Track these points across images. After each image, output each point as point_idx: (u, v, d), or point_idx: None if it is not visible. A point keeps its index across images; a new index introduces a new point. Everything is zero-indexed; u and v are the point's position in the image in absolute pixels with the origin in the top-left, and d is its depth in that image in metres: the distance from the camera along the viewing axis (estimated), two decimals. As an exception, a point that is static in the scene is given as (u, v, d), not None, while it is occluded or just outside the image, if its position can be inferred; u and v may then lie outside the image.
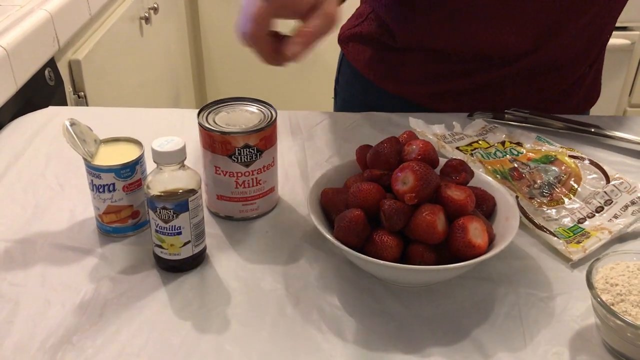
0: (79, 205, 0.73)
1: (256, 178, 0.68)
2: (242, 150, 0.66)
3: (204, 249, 0.65)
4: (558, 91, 0.95)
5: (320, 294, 0.61)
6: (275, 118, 0.68)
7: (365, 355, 0.54)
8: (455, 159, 0.66)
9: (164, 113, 0.97)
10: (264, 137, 0.67)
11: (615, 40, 2.18)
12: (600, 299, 0.52)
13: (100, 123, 0.70)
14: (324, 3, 0.62)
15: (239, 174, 0.68)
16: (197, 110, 0.70)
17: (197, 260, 0.64)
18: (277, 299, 0.60)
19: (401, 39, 0.94)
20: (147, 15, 1.64)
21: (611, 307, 0.52)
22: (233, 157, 0.66)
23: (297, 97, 2.32)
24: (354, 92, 1.07)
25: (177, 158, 0.59)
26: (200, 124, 0.67)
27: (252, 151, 0.67)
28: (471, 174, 0.65)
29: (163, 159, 0.59)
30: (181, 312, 0.59)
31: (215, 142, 0.66)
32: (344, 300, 0.60)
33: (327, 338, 0.56)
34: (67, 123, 0.64)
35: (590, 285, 0.54)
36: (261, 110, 0.70)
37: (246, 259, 0.65)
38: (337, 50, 1.09)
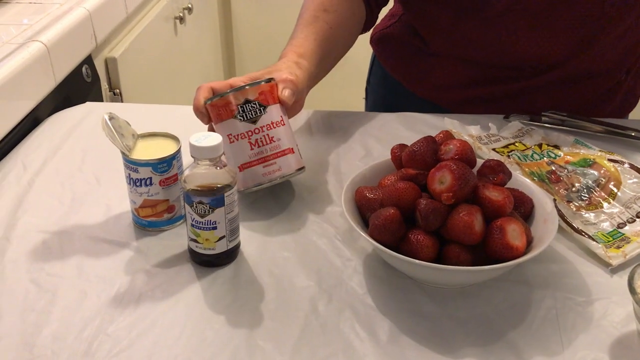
0: (115, 199, 0.74)
1: (267, 135, 0.69)
2: (244, 106, 0.68)
3: (238, 245, 0.65)
4: (592, 98, 0.94)
5: (353, 293, 0.60)
6: (273, 79, 0.71)
7: (398, 356, 0.54)
8: (493, 159, 0.65)
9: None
10: (262, 92, 0.69)
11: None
12: (643, 305, 0.51)
13: (136, 119, 0.70)
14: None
15: (250, 133, 0.68)
16: None
17: (231, 256, 0.64)
18: (310, 296, 0.60)
19: (431, 45, 0.94)
20: (181, 15, 1.66)
21: (654, 313, 0.50)
22: (238, 116, 0.68)
23: (328, 98, 2.32)
24: (385, 93, 1.07)
25: (214, 153, 0.60)
26: (205, 103, 0.69)
27: (255, 106, 0.68)
28: (509, 175, 0.64)
29: (200, 153, 0.59)
30: (214, 306, 0.59)
31: (220, 109, 0.68)
32: (377, 300, 0.60)
33: (360, 337, 0.56)
34: (106, 117, 0.65)
35: (632, 290, 0.52)
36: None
37: (279, 256, 0.65)
38: (368, 50, 1.09)
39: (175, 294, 0.60)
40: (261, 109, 0.68)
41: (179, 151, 0.66)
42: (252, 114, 0.68)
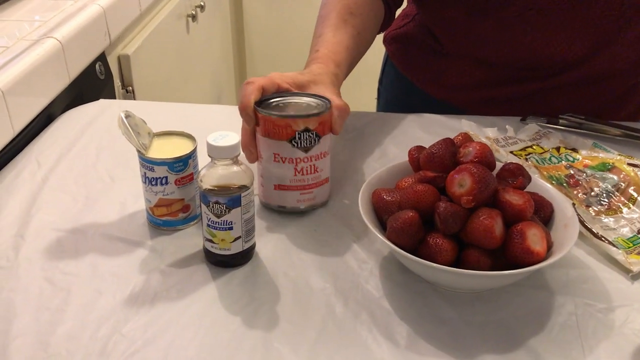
0: (129, 198, 0.73)
1: (314, 165, 0.68)
2: (302, 134, 0.66)
3: (254, 245, 0.64)
4: (610, 99, 0.92)
5: (370, 296, 0.60)
6: (330, 106, 0.68)
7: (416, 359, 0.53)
8: (512, 162, 0.64)
9: (212, 109, 0.97)
10: (322, 122, 0.67)
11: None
12: (667, 312, 0.50)
13: (150, 117, 0.70)
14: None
15: (299, 160, 0.67)
16: None
17: (246, 256, 0.63)
18: (326, 298, 0.60)
19: (446, 45, 0.93)
20: (193, 12, 1.65)
21: (678, 321, 0.49)
22: (293, 142, 0.66)
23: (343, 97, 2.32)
24: (398, 93, 1.06)
25: (232, 153, 0.59)
26: (260, 111, 0.67)
27: (312, 135, 0.66)
28: (528, 178, 0.64)
29: (218, 153, 0.59)
30: (230, 307, 0.58)
31: (276, 127, 0.66)
32: (394, 303, 0.59)
33: (377, 340, 0.55)
34: (123, 115, 0.65)
35: (655, 298, 0.51)
36: (314, 101, 0.70)
37: (295, 257, 0.65)
38: (380, 50, 1.08)
39: (190, 294, 0.60)
40: (317, 139, 0.67)
41: (194, 150, 0.66)
42: (307, 143, 0.66)
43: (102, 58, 1.11)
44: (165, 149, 0.66)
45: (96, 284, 0.61)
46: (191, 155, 0.66)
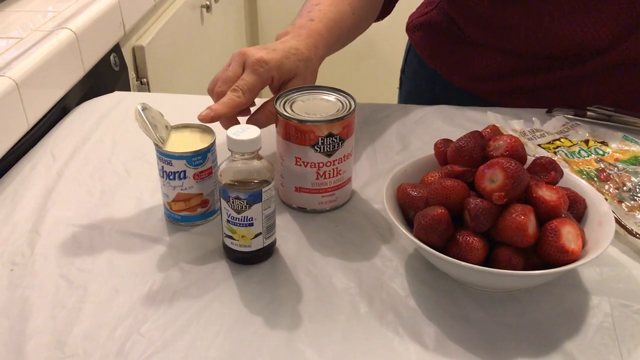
0: (146, 192, 0.71)
1: (337, 168, 0.66)
2: (325, 139, 0.63)
3: (274, 242, 0.62)
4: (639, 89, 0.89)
5: (396, 295, 0.58)
6: (355, 106, 0.66)
7: (446, 363, 0.51)
8: (544, 156, 0.61)
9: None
10: (346, 126, 0.65)
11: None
12: None
13: (165, 109, 0.68)
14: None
15: (321, 164, 0.65)
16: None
17: (267, 253, 0.61)
18: (350, 297, 0.58)
19: (469, 33, 0.90)
20: (208, 3, 1.63)
21: None
22: (316, 147, 0.64)
23: (360, 87, 2.30)
24: (421, 82, 1.03)
25: (253, 147, 0.57)
26: (281, 114, 0.64)
27: (335, 140, 0.64)
28: (561, 173, 0.61)
29: (238, 147, 0.57)
30: (251, 306, 0.57)
31: (298, 132, 0.63)
32: (421, 303, 0.57)
33: (404, 342, 0.53)
34: (140, 107, 0.63)
35: (699, 299, 0.49)
36: (338, 99, 0.67)
37: (317, 254, 0.63)
38: (401, 39, 1.05)
39: (210, 292, 0.58)
40: (340, 142, 0.64)
41: (213, 144, 0.64)
42: (330, 148, 0.64)
43: (116, 49, 1.10)
44: (184, 143, 0.64)
45: (113, 281, 0.59)
46: (210, 149, 0.64)
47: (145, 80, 1.23)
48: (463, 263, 0.53)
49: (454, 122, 0.85)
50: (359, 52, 2.23)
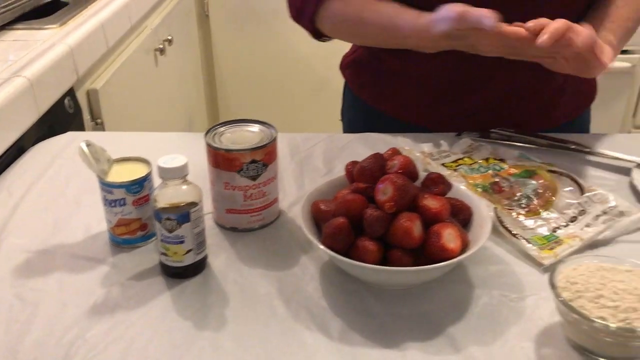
0: (94, 220, 0.80)
1: (262, 190, 0.75)
2: (249, 165, 0.73)
3: (205, 257, 0.71)
4: (544, 101, 0.99)
5: (310, 297, 0.67)
6: (276, 135, 0.75)
7: (347, 350, 0.60)
8: (434, 172, 0.72)
9: (174, 136, 1.04)
10: (268, 153, 0.74)
11: (616, 63, 2.23)
12: (561, 296, 0.57)
13: (115, 146, 0.77)
14: None
15: (247, 187, 0.74)
16: (203, 134, 0.77)
17: (199, 268, 0.70)
18: (270, 301, 0.66)
19: (388, 64, 1.00)
20: (161, 47, 1.73)
21: (569, 302, 0.57)
22: (241, 173, 0.73)
23: (309, 121, 2.41)
24: (356, 114, 1.14)
25: (180, 173, 0.66)
26: (209, 145, 0.74)
27: (258, 165, 0.73)
28: (449, 186, 0.71)
29: (168, 174, 0.66)
30: (183, 313, 0.65)
31: (225, 160, 0.73)
32: (331, 302, 0.66)
33: (314, 335, 0.62)
34: (83, 144, 0.72)
35: (552, 284, 0.59)
36: (262, 130, 0.77)
37: (245, 267, 0.71)
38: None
39: (147, 303, 0.66)
40: (263, 167, 0.74)
41: (150, 173, 0.73)
42: (254, 172, 0.73)
43: (70, 93, 1.18)
44: (124, 174, 0.73)
45: (62, 297, 0.67)
46: (146, 178, 0.72)
47: (100, 120, 1.32)
48: (360, 263, 0.62)
49: (375, 148, 0.95)
50: (314, 87, 2.36)
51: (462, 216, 0.70)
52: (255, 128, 0.77)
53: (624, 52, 2.24)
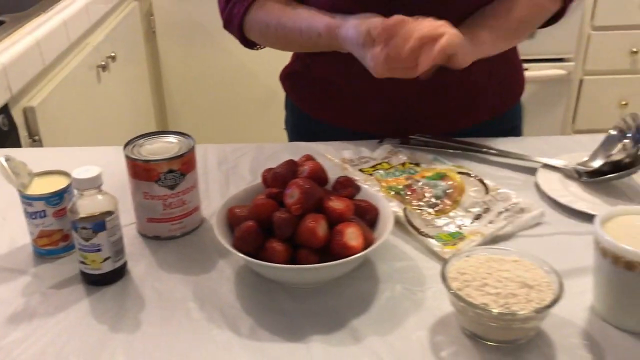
0: (19, 233, 0.81)
1: (181, 199, 0.78)
2: (166, 175, 0.76)
3: (124, 265, 0.73)
4: (472, 96, 1.04)
5: (223, 298, 0.70)
6: (194, 145, 0.78)
7: (255, 346, 0.63)
8: (343, 176, 0.76)
9: (100, 150, 1.06)
10: (186, 162, 0.77)
11: (553, 71, 2.33)
12: (450, 286, 0.62)
13: (40, 161, 0.79)
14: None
15: (166, 197, 0.77)
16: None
17: (117, 275, 0.72)
18: (185, 304, 0.69)
19: (315, 71, 1.05)
20: (104, 63, 1.75)
21: (457, 292, 0.61)
22: (159, 182, 0.76)
23: (258, 131, 2.44)
24: (299, 123, 1.18)
25: (94, 183, 0.69)
26: (127, 156, 0.76)
27: (176, 175, 0.76)
28: (357, 188, 0.75)
29: (82, 185, 0.68)
30: (100, 318, 0.67)
31: (143, 171, 0.76)
32: (243, 302, 0.69)
33: (224, 333, 0.65)
34: (2, 159, 0.74)
35: (443, 276, 0.63)
36: (180, 140, 0.80)
37: (164, 273, 0.74)
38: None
39: (65, 309, 0.68)
40: (181, 177, 0.77)
41: (69, 185, 0.75)
42: (172, 182, 0.76)
43: (4, 111, 1.19)
44: (45, 187, 0.75)
45: (-19, 309, 0.69)
46: (66, 190, 0.75)
47: (37, 137, 1.33)
48: (267, 263, 0.66)
49: (300, 155, 0.99)
50: (261, 99, 2.39)
51: (368, 216, 0.74)
52: (174, 139, 0.80)
53: (558, 60, 2.35)
